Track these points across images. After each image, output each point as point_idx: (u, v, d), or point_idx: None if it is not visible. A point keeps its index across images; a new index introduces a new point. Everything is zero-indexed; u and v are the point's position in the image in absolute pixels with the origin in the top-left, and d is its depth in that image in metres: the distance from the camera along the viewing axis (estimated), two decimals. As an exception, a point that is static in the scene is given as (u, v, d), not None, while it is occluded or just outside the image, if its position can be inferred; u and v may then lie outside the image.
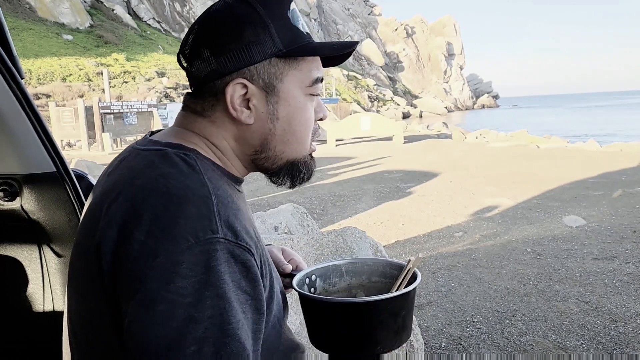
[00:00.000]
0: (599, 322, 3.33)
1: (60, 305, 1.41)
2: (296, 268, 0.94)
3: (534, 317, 3.44)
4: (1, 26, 1.19)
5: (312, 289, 0.89)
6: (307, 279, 0.88)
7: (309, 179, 0.84)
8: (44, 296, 1.40)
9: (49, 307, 1.40)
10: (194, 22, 0.77)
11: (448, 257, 4.87)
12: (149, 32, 42.21)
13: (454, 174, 10.07)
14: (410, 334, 0.81)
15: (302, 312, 0.82)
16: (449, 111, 64.27)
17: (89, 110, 16.97)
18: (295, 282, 0.84)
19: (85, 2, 39.01)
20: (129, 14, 42.69)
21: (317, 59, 0.79)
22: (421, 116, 54.46)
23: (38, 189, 1.31)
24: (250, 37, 0.72)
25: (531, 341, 3.10)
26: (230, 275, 0.61)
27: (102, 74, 23.40)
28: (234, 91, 0.73)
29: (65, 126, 17.42)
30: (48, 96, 23.75)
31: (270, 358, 0.75)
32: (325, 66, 0.82)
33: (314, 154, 0.85)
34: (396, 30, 78.29)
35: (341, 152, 15.08)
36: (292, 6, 0.76)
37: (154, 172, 0.67)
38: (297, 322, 2.20)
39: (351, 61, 65.12)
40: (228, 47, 0.72)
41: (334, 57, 0.82)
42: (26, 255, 1.39)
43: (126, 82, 29.01)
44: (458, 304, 3.72)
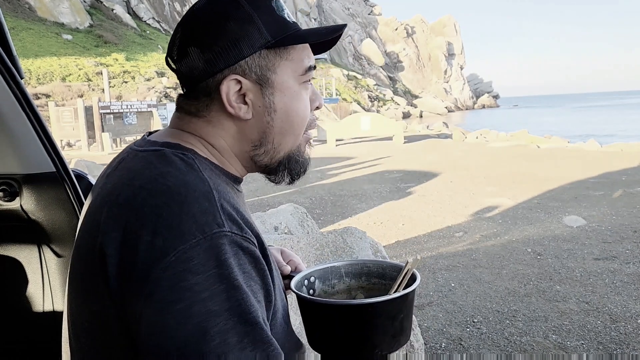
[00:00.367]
0: (599, 322, 3.33)
1: (60, 305, 1.40)
2: (295, 269, 0.94)
3: (534, 318, 3.44)
4: (1, 26, 1.19)
5: (311, 291, 0.88)
6: (305, 281, 0.87)
7: (305, 170, 0.83)
8: (43, 296, 1.40)
9: (48, 307, 1.40)
10: (178, 23, 0.76)
11: (448, 257, 4.87)
12: (148, 32, 42.19)
13: (454, 174, 10.06)
14: (409, 336, 0.80)
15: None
16: (449, 111, 64.26)
17: (88, 110, 16.96)
18: (294, 284, 0.83)
19: (85, 1, 38.99)
20: (129, 13, 42.69)
21: (307, 47, 0.79)
22: (421, 116, 54.44)
23: (38, 189, 1.31)
24: (237, 32, 0.71)
25: (531, 341, 3.10)
26: (240, 267, 0.61)
27: (101, 73, 23.40)
28: (229, 88, 0.72)
29: (65, 126, 17.41)
30: (48, 96, 23.74)
31: None
32: (316, 53, 0.81)
33: (312, 154, 0.84)
34: (396, 30, 78.30)
35: (341, 152, 15.07)
36: None
37: (152, 172, 0.67)
38: (297, 322, 2.20)
39: (351, 61, 65.12)
40: (216, 44, 0.71)
41: (324, 43, 0.81)
42: (26, 255, 1.39)
43: (126, 82, 29.00)
44: (458, 304, 3.72)
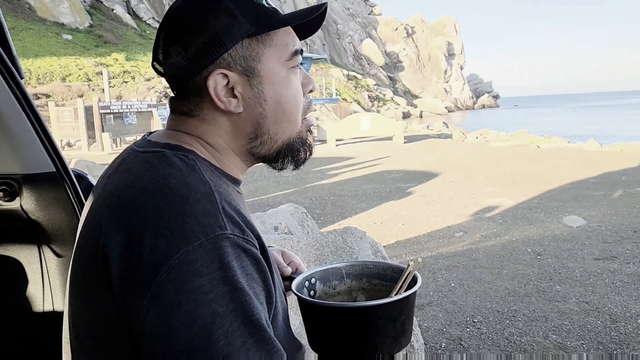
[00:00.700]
0: (599, 322, 3.33)
1: (60, 305, 1.40)
2: (296, 270, 0.93)
3: (534, 318, 3.44)
4: (1, 26, 1.19)
5: (312, 292, 0.88)
6: (306, 282, 0.87)
7: (310, 154, 0.83)
8: (43, 296, 1.40)
9: (48, 307, 1.40)
10: (159, 25, 0.76)
11: (448, 258, 4.87)
12: (148, 32, 42.16)
13: (454, 174, 10.06)
14: (410, 338, 0.80)
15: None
16: (449, 111, 64.21)
17: (88, 110, 16.95)
18: (295, 286, 0.83)
19: (85, 1, 38.98)
20: (129, 13, 42.67)
21: (291, 31, 0.78)
22: (421, 116, 54.41)
23: (38, 189, 1.31)
24: (216, 25, 0.71)
25: (531, 341, 3.10)
26: (243, 269, 0.62)
27: (101, 73, 23.39)
28: (215, 83, 0.72)
29: (65, 126, 17.40)
30: (48, 96, 23.73)
31: None
32: (301, 38, 0.80)
33: (315, 150, 0.84)
34: (396, 30, 78.28)
35: (341, 152, 15.07)
36: None
37: (153, 174, 0.67)
38: (297, 322, 2.20)
39: (351, 61, 65.10)
40: (197, 41, 0.71)
41: (308, 27, 0.81)
42: (26, 255, 1.39)
43: (126, 82, 28.98)
44: (458, 304, 3.72)
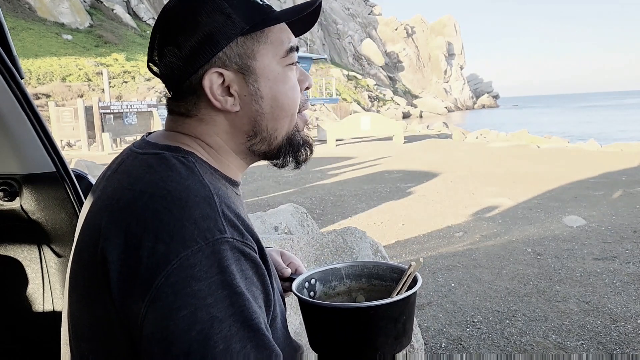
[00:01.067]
0: (599, 322, 3.33)
1: (60, 305, 1.40)
2: (295, 271, 0.93)
3: (534, 318, 3.44)
4: (1, 26, 1.19)
5: (312, 293, 0.88)
6: (306, 283, 0.87)
7: (311, 152, 0.83)
8: (43, 296, 1.40)
9: (48, 307, 1.40)
10: (153, 26, 0.76)
11: (448, 257, 4.87)
12: (148, 32, 42.04)
13: (454, 174, 10.06)
14: (410, 338, 0.80)
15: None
16: (449, 111, 64.15)
17: (88, 110, 16.94)
18: (295, 286, 0.83)
19: (85, 1, 38.97)
20: (129, 13, 42.66)
21: (286, 28, 0.78)
22: (421, 116, 54.37)
23: (38, 189, 1.31)
24: (210, 25, 0.71)
25: (531, 341, 3.10)
26: (242, 273, 0.61)
27: (101, 73, 23.38)
28: (211, 82, 0.72)
29: (65, 126, 17.38)
30: (48, 96, 23.72)
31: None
32: (297, 34, 0.80)
33: (316, 149, 0.84)
34: (396, 30, 78.25)
35: (341, 152, 15.06)
36: None
37: (152, 176, 0.66)
38: (297, 322, 2.20)
39: (351, 61, 65.09)
40: (190, 40, 0.71)
41: (304, 23, 0.80)
42: (26, 255, 1.39)
43: (126, 82, 28.98)
44: (458, 304, 3.72)
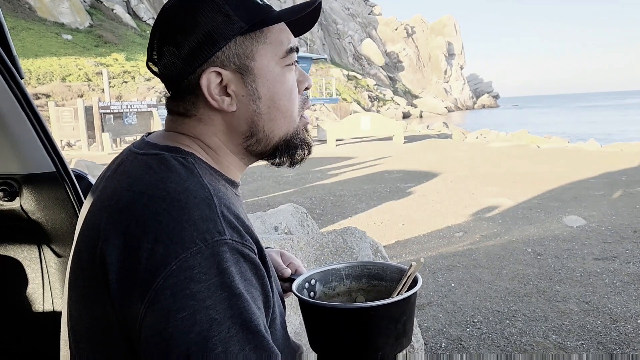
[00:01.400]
0: (599, 322, 3.33)
1: (60, 305, 1.40)
2: (295, 272, 0.93)
3: (534, 318, 3.44)
4: (1, 26, 1.19)
5: (312, 293, 0.88)
6: (306, 283, 0.87)
7: (309, 153, 0.82)
8: (43, 296, 1.40)
9: (48, 307, 1.40)
10: (152, 26, 0.76)
11: (448, 257, 4.87)
12: (148, 32, 41.98)
13: (454, 174, 10.06)
14: (411, 338, 0.80)
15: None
16: (449, 111, 64.13)
17: (88, 110, 16.94)
18: (295, 287, 0.83)
19: (85, 1, 38.97)
20: (129, 13, 42.66)
21: (285, 28, 0.77)
22: (421, 116, 54.35)
23: (38, 189, 1.31)
24: (208, 24, 0.71)
25: (531, 341, 3.10)
26: (241, 275, 0.61)
27: (101, 73, 23.38)
28: (208, 81, 0.72)
29: (65, 126, 17.38)
30: (48, 96, 23.73)
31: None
32: (296, 35, 0.80)
33: (311, 138, 0.83)
34: (396, 30, 78.23)
35: (341, 152, 15.06)
36: None
37: (152, 177, 0.66)
38: (297, 322, 2.20)
39: (351, 61, 65.07)
40: (189, 40, 0.71)
41: (303, 23, 0.80)
42: (26, 255, 1.39)
43: (126, 82, 28.98)
44: (458, 304, 3.72)
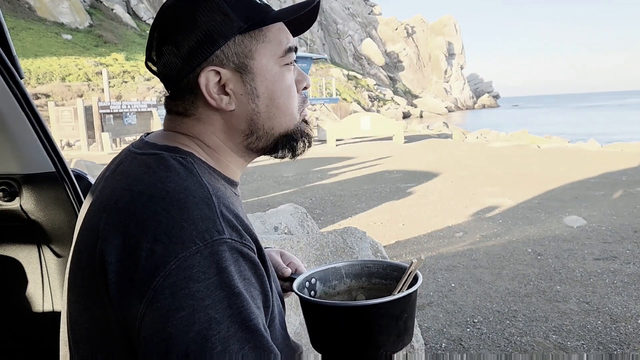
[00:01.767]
0: (599, 322, 3.33)
1: (60, 305, 1.40)
2: (295, 271, 0.93)
3: (534, 318, 3.43)
4: (1, 26, 1.19)
5: (312, 292, 0.88)
6: (307, 282, 0.87)
7: (309, 145, 0.83)
8: (43, 296, 1.40)
9: (48, 307, 1.40)
10: (152, 25, 0.76)
11: (448, 258, 4.87)
12: (148, 32, 42.14)
13: (454, 174, 10.06)
14: (412, 336, 0.80)
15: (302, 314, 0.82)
16: (449, 111, 64.10)
17: (88, 110, 16.93)
18: (296, 286, 0.83)
19: (85, 1, 38.96)
20: (129, 13, 42.64)
21: (284, 28, 0.77)
22: (421, 116, 54.33)
23: (37, 189, 1.31)
24: (207, 23, 0.71)
25: (532, 342, 3.10)
26: (240, 274, 0.61)
27: (101, 73, 23.37)
28: (207, 80, 0.72)
29: (65, 126, 17.38)
30: (47, 96, 23.72)
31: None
32: (295, 34, 0.80)
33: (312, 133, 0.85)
34: (396, 29, 78.21)
35: (341, 152, 15.06)
36: None
37: (151, 177, 0.66)
38: (297, 322, 2.20)
39: (351, 61, 65.07)
40: (188, 39, 0.71)
41: (302, 22, 0.80)
42: (25, 255, 1.39)
43: (125, 82, 28.97)
44: (458, 305, 3.72)
